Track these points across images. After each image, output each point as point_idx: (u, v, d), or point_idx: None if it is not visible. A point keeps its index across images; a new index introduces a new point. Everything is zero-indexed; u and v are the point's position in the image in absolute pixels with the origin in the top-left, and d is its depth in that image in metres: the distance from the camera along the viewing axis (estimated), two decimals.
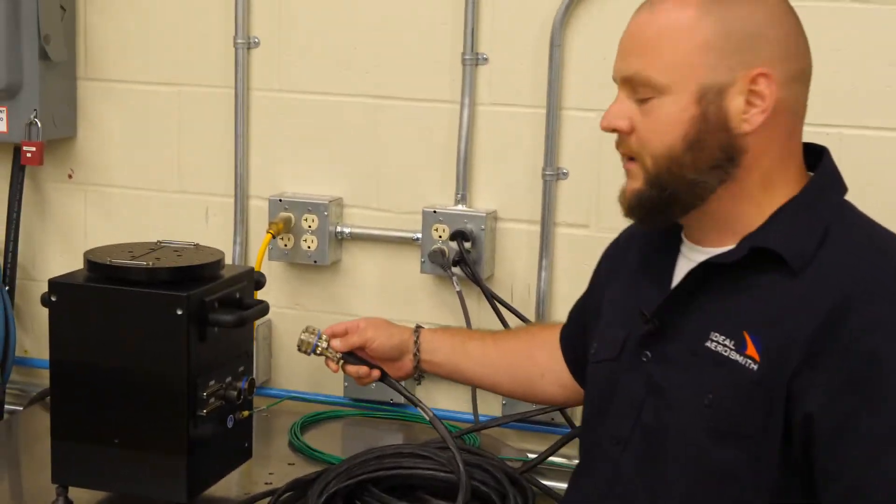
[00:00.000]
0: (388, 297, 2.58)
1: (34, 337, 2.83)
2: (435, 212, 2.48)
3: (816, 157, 1.60)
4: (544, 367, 2.00)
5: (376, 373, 1.98)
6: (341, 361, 1.97)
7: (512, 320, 2.45)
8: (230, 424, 2.03)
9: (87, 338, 1.91)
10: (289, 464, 2.24)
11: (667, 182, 1.53)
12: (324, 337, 1.97)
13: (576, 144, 2.43)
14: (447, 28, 2.47)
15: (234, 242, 2.64)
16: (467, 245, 2.44)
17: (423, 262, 2.50)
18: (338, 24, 2.54)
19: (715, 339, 1.51)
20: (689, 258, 1.62)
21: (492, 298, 2.44)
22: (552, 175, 2.44)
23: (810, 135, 1.62)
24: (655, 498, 1.57)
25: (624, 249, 1.80)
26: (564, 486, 1.84)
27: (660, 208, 1.56)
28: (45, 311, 1.92)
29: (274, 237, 2.53)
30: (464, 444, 2.25)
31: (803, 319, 1.43)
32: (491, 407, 2.51)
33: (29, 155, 2.59)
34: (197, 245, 2.08)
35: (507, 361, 2.02)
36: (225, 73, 2.62)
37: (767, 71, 1.48)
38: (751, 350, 1.46)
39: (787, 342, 1.43)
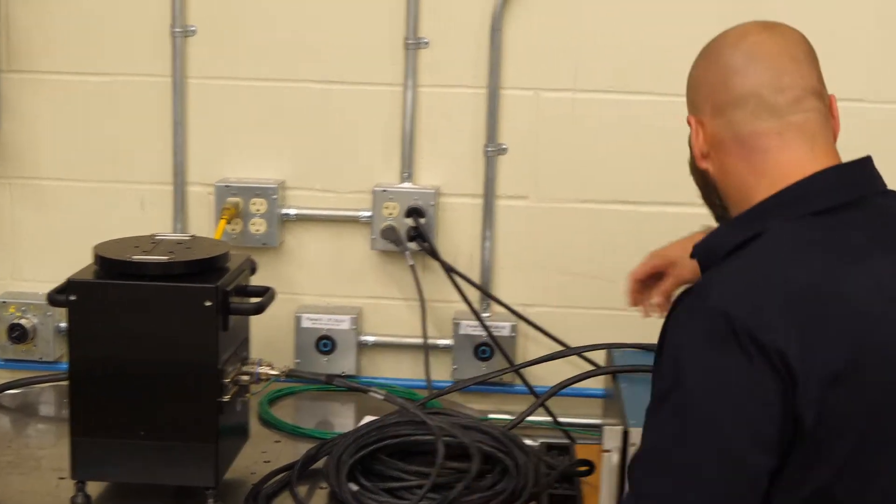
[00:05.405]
0: (336, 274, 2.67)
1: None
2: (385, 190, 2.59)
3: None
4: None
5: None
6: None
7: (467, 291, 2.59)
8: (238, 408, 2.10)
9: (110, 334, 1.94)
10: (275, 441, 2.32)
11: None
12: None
13: (515, 121, 2.58)
14: (388, 14, 2.57)
15: (175, 230, 2.66)
16: (422, 221, 2.56)
17: (373, 239, 2.61)
18: (276, 12, 2.60)
19: None
20: None
21: (449, 270, 2.57)
22: (494, 151, 2.59)
23: None
24: None
25: None
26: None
27: None
28: None
29: (228, 222, 2.58)
30: (437, 408, 2.39)
31: None
32: (440, 373, 2.65)
33: None
34: (193, 236, 2.13)
35: None
36: (159, 61, 2.63)
37: (696, 115, 1.69)
38: None
39: None
